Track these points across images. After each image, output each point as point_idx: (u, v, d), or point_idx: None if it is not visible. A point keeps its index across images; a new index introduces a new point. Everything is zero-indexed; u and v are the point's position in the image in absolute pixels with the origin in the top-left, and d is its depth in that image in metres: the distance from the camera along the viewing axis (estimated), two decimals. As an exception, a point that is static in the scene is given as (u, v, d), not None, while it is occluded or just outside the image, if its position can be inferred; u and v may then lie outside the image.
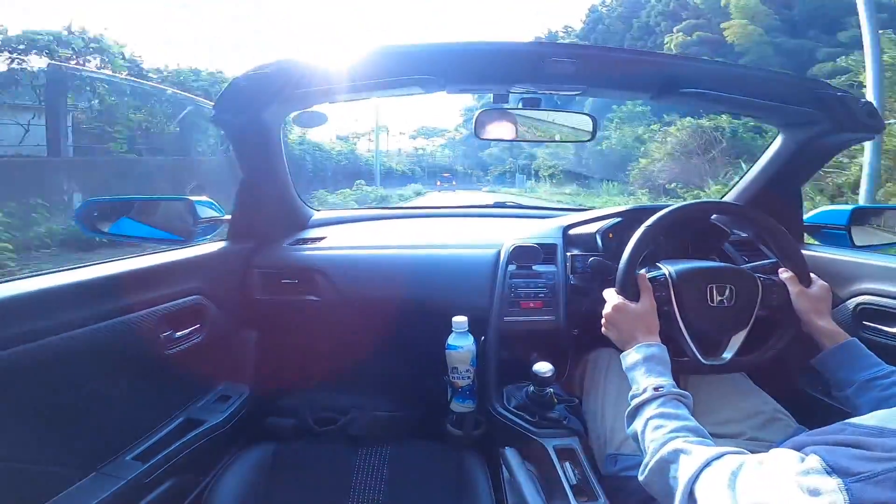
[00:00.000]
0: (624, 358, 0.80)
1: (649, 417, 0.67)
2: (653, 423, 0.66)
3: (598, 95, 1.16)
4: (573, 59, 0.90)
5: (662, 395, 0.69)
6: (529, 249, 1.18)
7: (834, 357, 0.79)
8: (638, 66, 0.97)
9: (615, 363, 1.03)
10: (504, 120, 1.19)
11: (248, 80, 0.93)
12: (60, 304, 0.79)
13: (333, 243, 1.38)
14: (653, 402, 0.69)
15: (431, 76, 0.95)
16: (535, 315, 1.15)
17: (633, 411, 0.72)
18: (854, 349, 0.78)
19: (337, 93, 1.03)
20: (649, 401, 0.70)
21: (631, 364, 0.78)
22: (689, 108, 10.51)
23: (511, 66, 0.97)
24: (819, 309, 0.84)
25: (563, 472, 0.84)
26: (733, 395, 0.94)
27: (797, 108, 0.98)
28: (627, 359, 0.79)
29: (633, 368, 0.77)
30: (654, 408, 0.68)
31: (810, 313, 0.83)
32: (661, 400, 0.69)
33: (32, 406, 0.77)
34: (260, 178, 1.23)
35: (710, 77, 0.96)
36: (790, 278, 0.88)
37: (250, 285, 1.27)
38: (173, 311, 1.03)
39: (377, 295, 1.26)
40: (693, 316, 0.86)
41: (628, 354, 0.79)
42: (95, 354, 0.85)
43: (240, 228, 1.28)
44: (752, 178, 1.28)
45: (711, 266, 0.92)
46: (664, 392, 0.70)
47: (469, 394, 1.15)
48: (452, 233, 1.49)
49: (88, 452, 0.87)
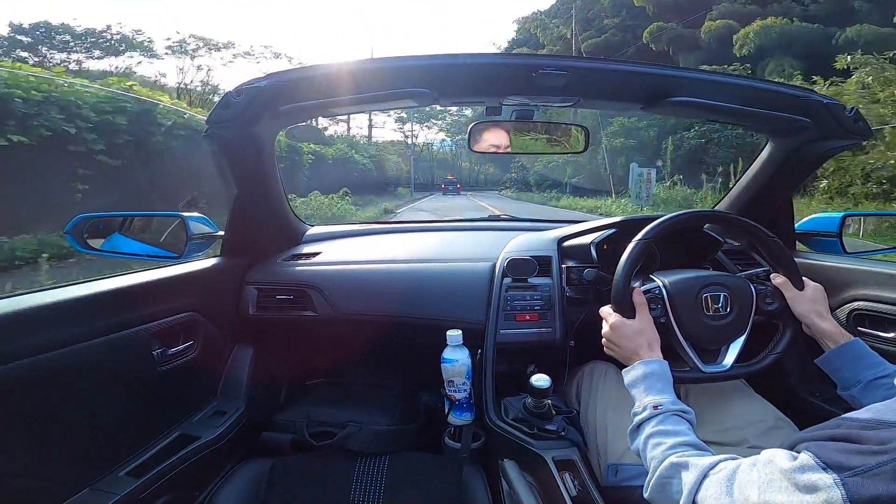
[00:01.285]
0: (625, 375, 0.80)
1: (649, 435, 0.68)
2: (652, 441, 0.67)
3: (590, 107, 1.17)
4: (564, 70, 0.90)
5: (661, 413, 0.70)
6: (524, 262, 1.18)
7: (838, 357, 0.79)
8: (628, 76, 0.98)
9: (611, 373, 1.03)
10: (497, 131, 1.20)
11: (240, 95, 0.93)
12: (55, 320, 0.79)
13: (328, 258, 1.37)
14: (651, 419, 0.70)
15: (425, 89, 0.96)
16: (530, 328, 1.15)
17: (635, 429, 0.72)
18: (858, 349, 0.79)
19: (330, 106, 1.03)
20: (648, 419, 0.70)
21: (631, 381, 0.78)
22: (679, 118, 10.64)
23: (503, 79, 0.98)
24: (819, 310, 0.84)
25: (563, 483, 0.83)
26: (735, 404, 0.94)
27: (785, 116, 1.00)
28: (627, 377, 0.79)
29: (633, 386, 0.77)
30: (653, 426, 0.69)
31: (811, 315, 0.84)
32: (659, 417, 0.69)
33: (27, 421, 0.76)
34: (253, 193, 1.23)
35: (699, 86, 0.97)
36: (783, 283, 0.88)
37: (245, 302, 1.27)
38: (167, 327, 1.02)
39: (372, 310, 1.25)
40: (690, 326, 0.86)
41: (628, 372, 0.79)
42: (89, 371, 0.84)
43: (233, 244, 1.28)
44: (744, 187, 1.30)
45: (704, 275, 0.92)
46: (663, 410, 0.70)
47: (466, 406, 1.14)
48: (446, 247, 1.49)
49: (82, 468, 0.85)
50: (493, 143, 1.21)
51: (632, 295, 0.85)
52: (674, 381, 0.77)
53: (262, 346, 1.31)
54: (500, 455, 1.00)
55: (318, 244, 1.49)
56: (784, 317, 0.88)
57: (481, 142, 1.20)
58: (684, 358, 0.85)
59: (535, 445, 0.93)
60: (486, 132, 1.20)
